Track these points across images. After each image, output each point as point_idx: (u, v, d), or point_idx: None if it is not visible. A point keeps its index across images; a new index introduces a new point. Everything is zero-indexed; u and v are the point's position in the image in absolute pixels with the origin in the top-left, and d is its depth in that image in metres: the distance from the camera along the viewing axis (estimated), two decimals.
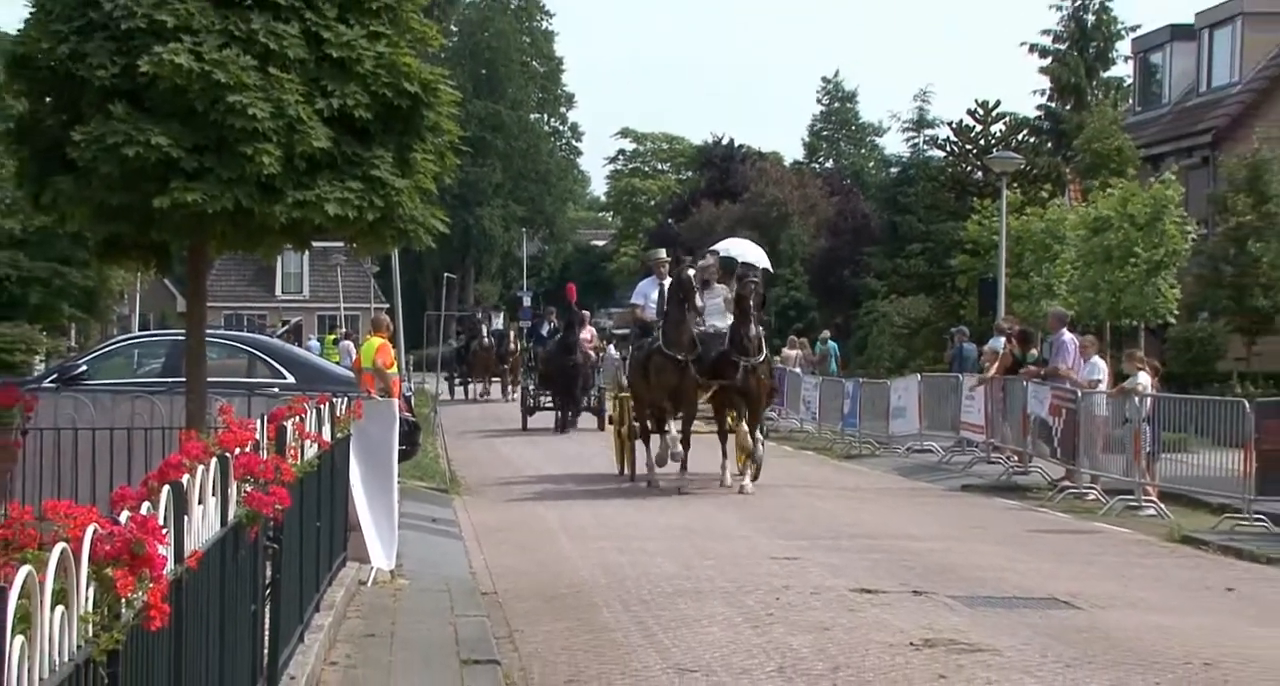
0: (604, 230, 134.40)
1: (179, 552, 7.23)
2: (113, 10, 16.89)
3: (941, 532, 24.14)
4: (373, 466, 18.38)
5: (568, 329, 48.65)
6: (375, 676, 13.18)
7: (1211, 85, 56.55)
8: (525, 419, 49.33)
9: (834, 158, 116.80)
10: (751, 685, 13.29)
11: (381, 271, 71.20)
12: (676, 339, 29.87)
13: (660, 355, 30.14)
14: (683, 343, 29.80)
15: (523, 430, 48.23)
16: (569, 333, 48.12)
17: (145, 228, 17.76)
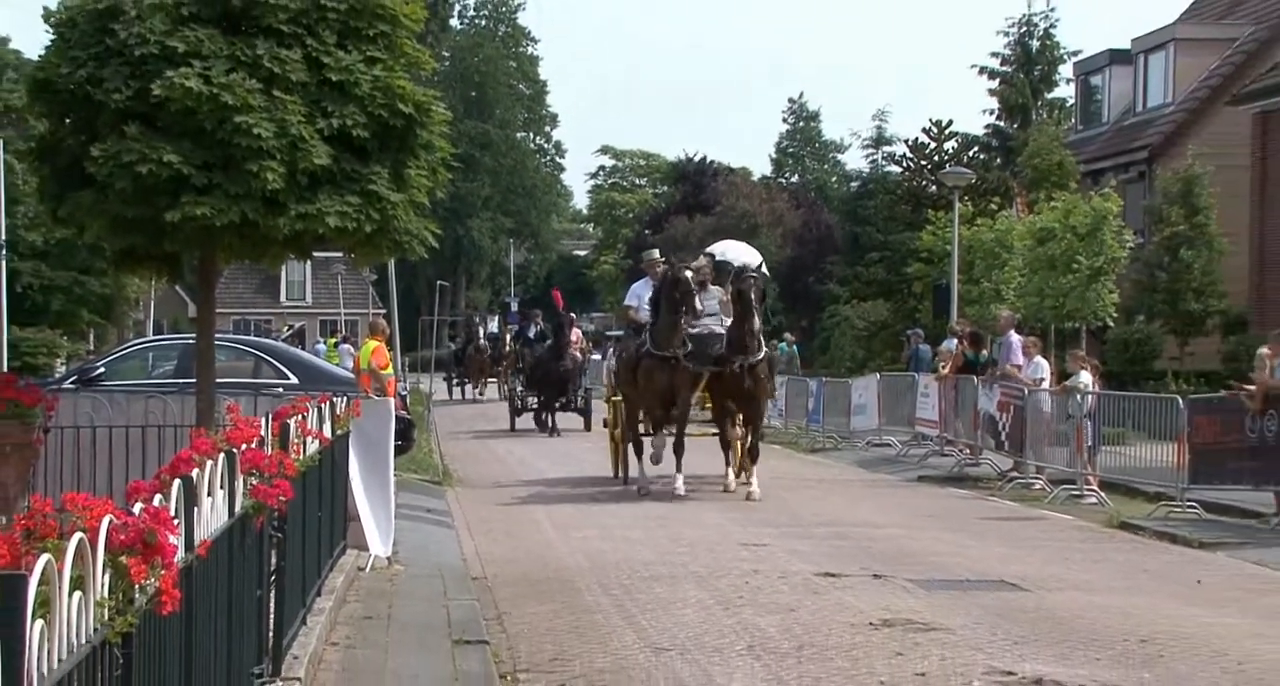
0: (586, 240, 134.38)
1: (189, 542, 7.22)
2: (127, 38, 16.89)
3: (899, 521, 24.16)
4: (370, 461, 18.36)
5: (557, 333, 46.54)
6: (373, 656, 13.17)
7: (1147, 105, 56.74)
8: (513, 419, 46.95)
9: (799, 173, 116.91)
10: (723, 662, 13.28)
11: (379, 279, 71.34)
12: (666, 340, 27.22)
13: (649, 357, 27.60)
14: (672, 343, 27.19)
15: (510, 431, 45.84)
16: (559, 336, 45.99)
17: (158, 239, 17.73)
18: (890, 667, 12.98)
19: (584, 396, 45.79)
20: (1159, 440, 26.93)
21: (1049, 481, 28.16)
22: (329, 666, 12.48)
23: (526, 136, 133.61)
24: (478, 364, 63.95)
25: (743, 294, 27.00)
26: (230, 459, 8.86)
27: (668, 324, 27.19)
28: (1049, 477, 28.36)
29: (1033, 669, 12.78)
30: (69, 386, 26.58)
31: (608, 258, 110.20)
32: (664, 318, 27.38)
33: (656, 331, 27.55)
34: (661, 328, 27.40)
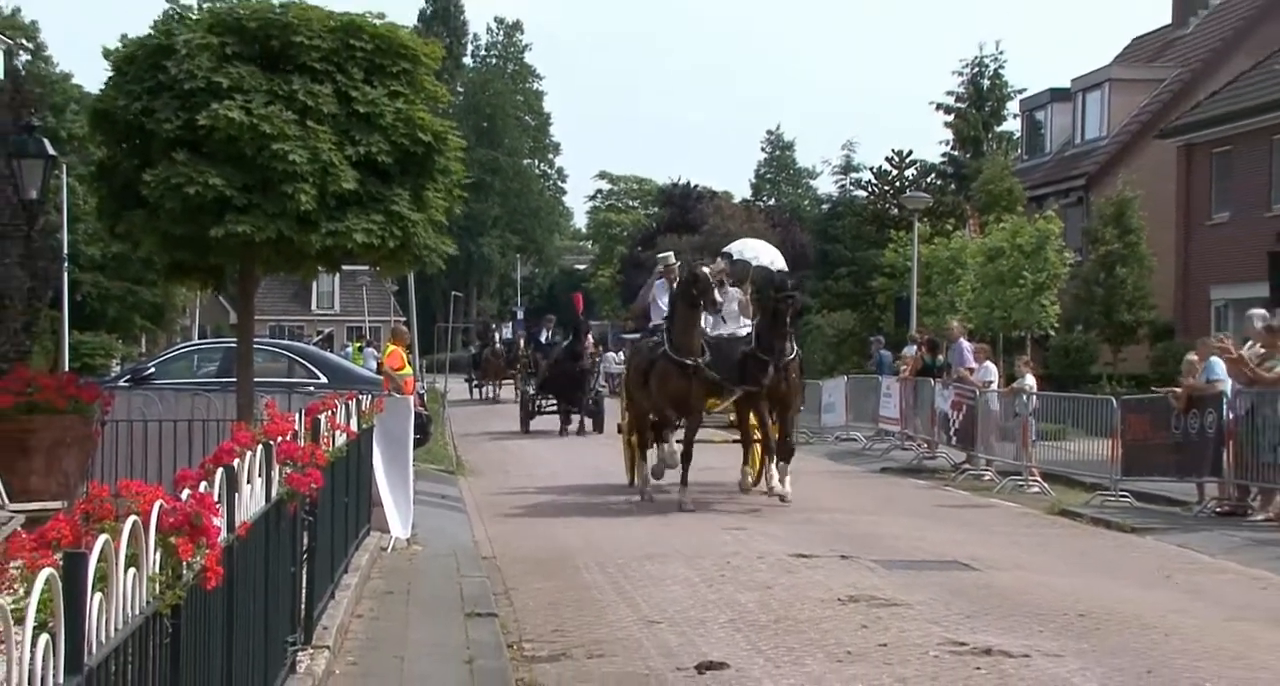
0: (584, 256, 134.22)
1: (231, 524, 7.22)
2: (177, 74, 16.90)
3: (864, 507, 24.14)
4: (392, 452, 18.34)
5: (575, 337, 42.86)
6: (394, 627, 13.16)
7: (1085, 138, 56.81)
8: (526, 422, 42.91)
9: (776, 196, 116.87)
10: (707, 633, 13.27)
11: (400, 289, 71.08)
12: (684, 343, 23.08)
13: (666, 361, 23.26)
14: (691, 347, 23.06)
15: (523, 433, 41.89)
16: (576, 341, 42.40)
17: (203, 253, 17.75)
18: (856, 639, 12.97)
19: (596, 398, 42.14)
20: (1095, 436, 26.98)
21: (997, 472, 28.16)
22: (355, 635, 12.47)
23: (532, 163, 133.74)
24: (494, 367, 62.43)
25: (778, 314, 23.19)
26: (267, 450, 8.86)
27: (685, 322, 23.25)
28: (997, 469, 28.35)
29: (983, 640, 12.77)
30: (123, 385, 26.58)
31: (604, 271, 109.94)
32: (681, 316, 23.35)
33: (674, 332, 23.40)
34: (679, 327, 23.32)
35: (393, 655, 11.97)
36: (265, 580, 8.69)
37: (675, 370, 23.12)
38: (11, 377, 17.61)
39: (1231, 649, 12.77)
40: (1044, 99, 60.68)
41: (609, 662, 12.13)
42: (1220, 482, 22.91)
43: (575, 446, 37.68)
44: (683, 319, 23.26)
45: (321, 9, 17.97)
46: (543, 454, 34.94)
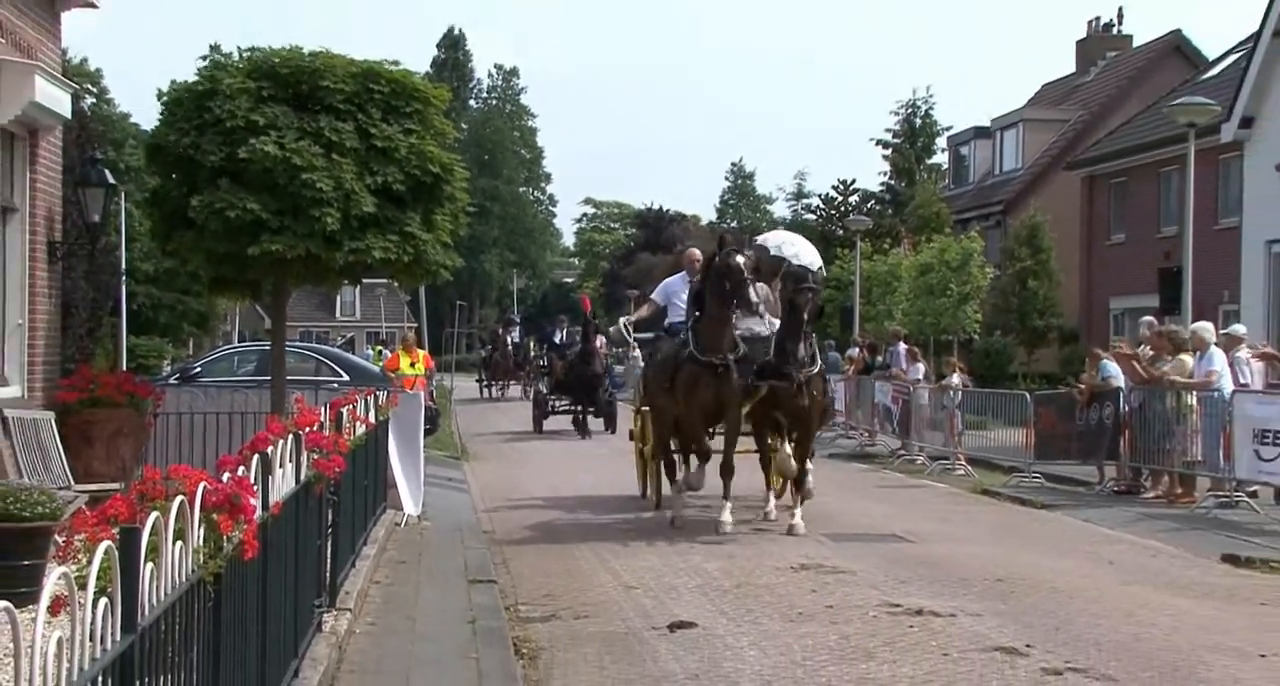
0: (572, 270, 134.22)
1: (265, 502, 7.19)
2: (220, 113, 16.94)
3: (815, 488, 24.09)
4: (405, 440, 18.31)
5: (585, 338, 37.87)
6: (407, 591, 13.14)
7: (1003, 170, 56.98)
8: (539, 422, 37.85)
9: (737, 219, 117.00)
10: (678, 598, 13.26)
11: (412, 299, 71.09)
12: (714, 342, 18.11)
13: (694, 363, 18.18)
14: (721, 346, 18.16)
15: (536, 433, 37.04)
16: (587, 343, 37.41)
17: (243, 269, 17.75)
18: (806, 601, 12.97)
19: (609, 400, 37.48)
20: (1011, 426, 27.06)
21: (928, 457, 28.18)
22: (373, 599, 12.45)
23: (526, 190, 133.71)
24: (503, 367, 59.40)
25: (795, 306, 18.27)
26: (297, 439, 8.84)
27: (715, 321, 18.18)
28: (928, 454, 28.37)
29: (915, 602, 12.78)
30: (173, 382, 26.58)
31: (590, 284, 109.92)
32: (710, 313, 18.25)
33: (701, 331, 18.35)
34: (707, 326, 18.30)
35: (405, 616, 11.95)
36: (295, 551, 8.67)
37: (705, 373, 18.06)
38: (77, 376, 17.61)
39: (1126, 608, 12.79)
40: (968, 136, 60.85)
41: (593, 623, 12.13)
42: (1117, 465, 23.00)
43: (568, 438, 35.55)
44: (712, 316, 18.21)
45: (345, 57, 18.01)
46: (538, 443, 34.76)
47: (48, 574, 4.00)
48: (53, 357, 17.81)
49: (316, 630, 9.79)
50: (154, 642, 4.88)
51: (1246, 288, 35.79)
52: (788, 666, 10.39)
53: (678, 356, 18.61)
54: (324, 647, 9.57)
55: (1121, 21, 60.56)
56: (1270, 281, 35.10)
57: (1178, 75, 49.53)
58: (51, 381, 17.42)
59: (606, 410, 36.99)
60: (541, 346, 47.35)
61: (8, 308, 16.38)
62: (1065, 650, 10.80)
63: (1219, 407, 20.49)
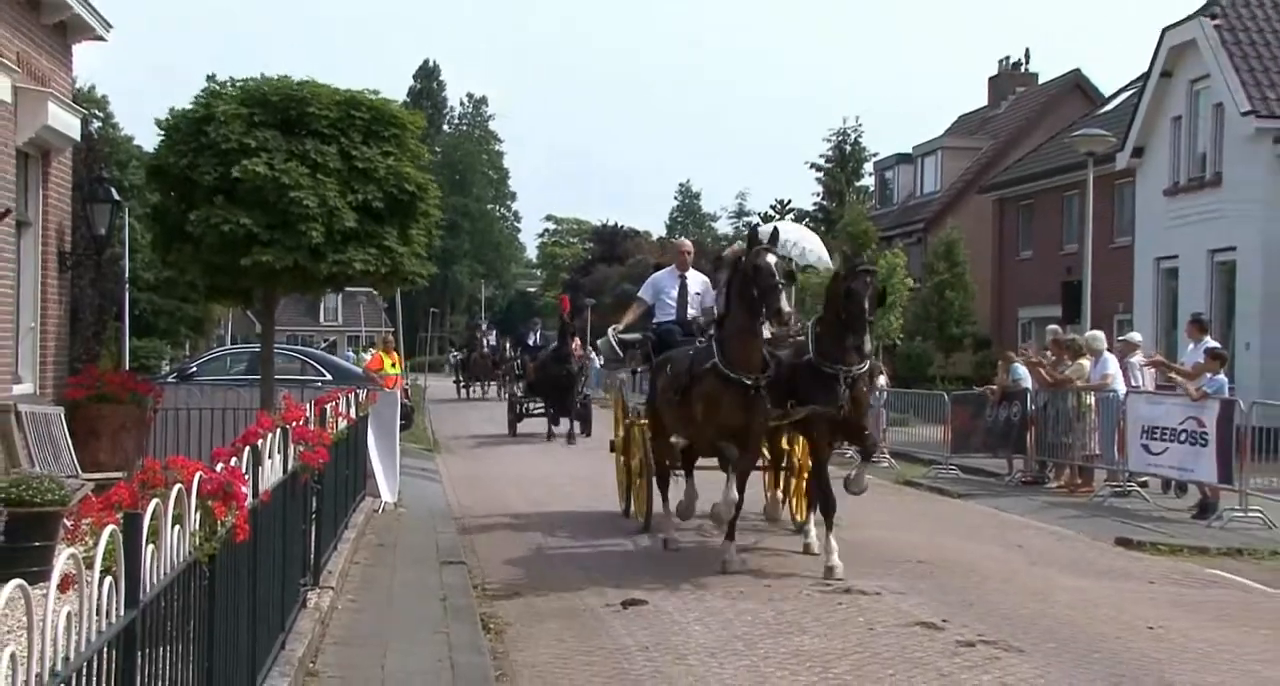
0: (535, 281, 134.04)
1: (255, 490, 7.17)
2: (216, 137, 16.88)
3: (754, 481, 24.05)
4: (383, 434, 18.25)
5: (561, 339, 33.98)
6: (384, 571, 13.10)
7: (923, 192, 57.28)
8: (513, 425, 34.15)
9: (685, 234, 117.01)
10: (630, 575, 13.24)
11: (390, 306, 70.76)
12: (744, 357, 13.91)
13: (717, 378, 13.96)
14: (753, 363, 13.92)
15: (511, 436, 33.47)
16: (563, 343, 33.49)
17: (236, 278, 17.70)
18: (746, 582, 12.99)
19: (584, 402, 33.51)
20: (930, 423, 27.20)
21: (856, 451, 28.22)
22: (353, 578, 12.40)
23: (494, 207, 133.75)
24: (480, 368, 57.47)
25: (853, 294, 13.64)
26: (285, 433, 8.81)
27: (744, 332, 13.89)
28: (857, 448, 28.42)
29: (845, 582, 12.81)
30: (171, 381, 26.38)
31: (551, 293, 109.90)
32: (737, 323, 13.98)
33: (728, 343, 14.00)
34: (735, 338, 13.97)
35: (383, 593, 11.92)
36: (283, 535, 8.64)
37: (730, 393, 13.80)
38: (84, 375, 17.55)
39: (1033, 587, 12.87)
40: (892, 161, 61.12)
41: (553, 600, 12.11)
42: (1024, 458, 23.12)
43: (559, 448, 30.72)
44: (740, 327, 13.94)
45: (329, 87, 17.97)
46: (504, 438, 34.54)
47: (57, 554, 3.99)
48: (62, 358, 17.81)
49: (302, 606, 9.75)
50: (154, 617, 4.87)
51: (1138, 300, 36.12)
52: (729, 639, 10.41)
53: (696, 367, 14.22)
54: (308, 622, 9.54)
55: (1028, 61, 61.15)
56: (1158, 294, 35.44)
57: (1078, 109, 49.90)
58: (61, 379, 17.41)
59: (581, 413, 33.01)
60: (516, 348, 43.04)
61: (21, 312, 16.37)
62: (979, 624, 10.86)
63: (1114, 407, 20.66)
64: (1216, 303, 32.44)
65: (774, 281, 13.39)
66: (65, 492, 10.55)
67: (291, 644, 8.70)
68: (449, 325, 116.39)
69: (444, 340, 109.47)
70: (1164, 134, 35.17)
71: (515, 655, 9.95)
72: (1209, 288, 33.22)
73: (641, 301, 17.19)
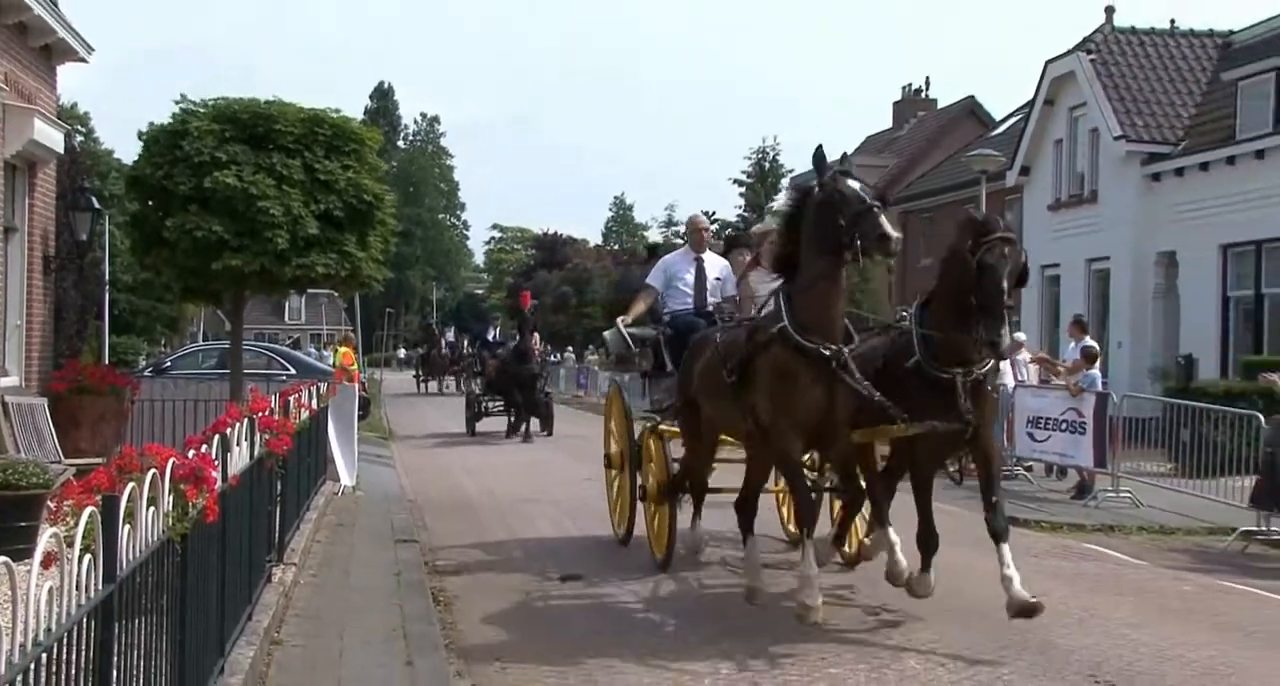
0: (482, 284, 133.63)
1: (224, 475, 7.12)
2: (190, 150, 16.82)
3: None
4: (342, 424, 18.17)
5: (521, 336, 29.81)
6: (342, 549, 13.03)
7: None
8: (471, 424, 30.19)
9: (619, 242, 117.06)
10: (568, 552, 13.27)
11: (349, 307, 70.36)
12: (822, 319, 9.33)
13: (787, 347, 9.23)
14: (833, 323, 9.40)
15: (469, 436, 29.59)
16: (523, 340, 29.40)
17: (208, 280, 17.62)
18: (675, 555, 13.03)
19: (546, 401, 29.90)
20: None
21: None
22: (314, 555, 12.33)
23: (445, 217, 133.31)
24: (439, 364, 55.58)
25: (989, 270, 9.18)
26: (252, 422, 8.75)
27: (824, 281, 9.46)
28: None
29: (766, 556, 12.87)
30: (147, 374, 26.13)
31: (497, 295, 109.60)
32: (813, 269, 9.47)
33: (799, 301, 9.48)
34: (810, 294, 9.47)
35: (342, 569, 11.86)
36: (249, 515, 8.58)
37: (812, 365, 9.27)
38: (66, 369, 17.42)
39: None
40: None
41: (498, 576, 12.09)
42: None
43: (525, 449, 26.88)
44: (819, 274, 9.46)
45: (294, 105, 17.93)
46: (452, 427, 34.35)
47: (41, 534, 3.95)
48: (46, 353, 17.65)
49: (267, 581, 9.69)
50: (130, 591, 4.83)
51: (1025, 304, 36.46)
52: (660, 610, 10.46)
53: (755, 337, 9.66)
54: (273, 595, 9.49)
55: (928, 88, 61.65)
56: (1043, 298, 35.94)
57: (972, 132, 50.28)
58: (45, 373, 17.26)
59: (542, 411, 29.37)
60: (475, 344, 38.57)
61: (9, 311, 16.23)
62: (882, 594, 10.90)
63: (1003, 400, 20.80)
64: (1093, 306, 32.89)
65: (866, 205, 9.11)
66: (49, 477, 10.49)
67: (258, 615, 8.65)
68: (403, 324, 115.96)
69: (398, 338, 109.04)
70: (1047, 155, 35.72)
71: (463, 625, 9.93)
72: (1087, 292, 33.73)
73: (650, 289, 13.07)
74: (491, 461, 24.12)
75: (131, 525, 4.85)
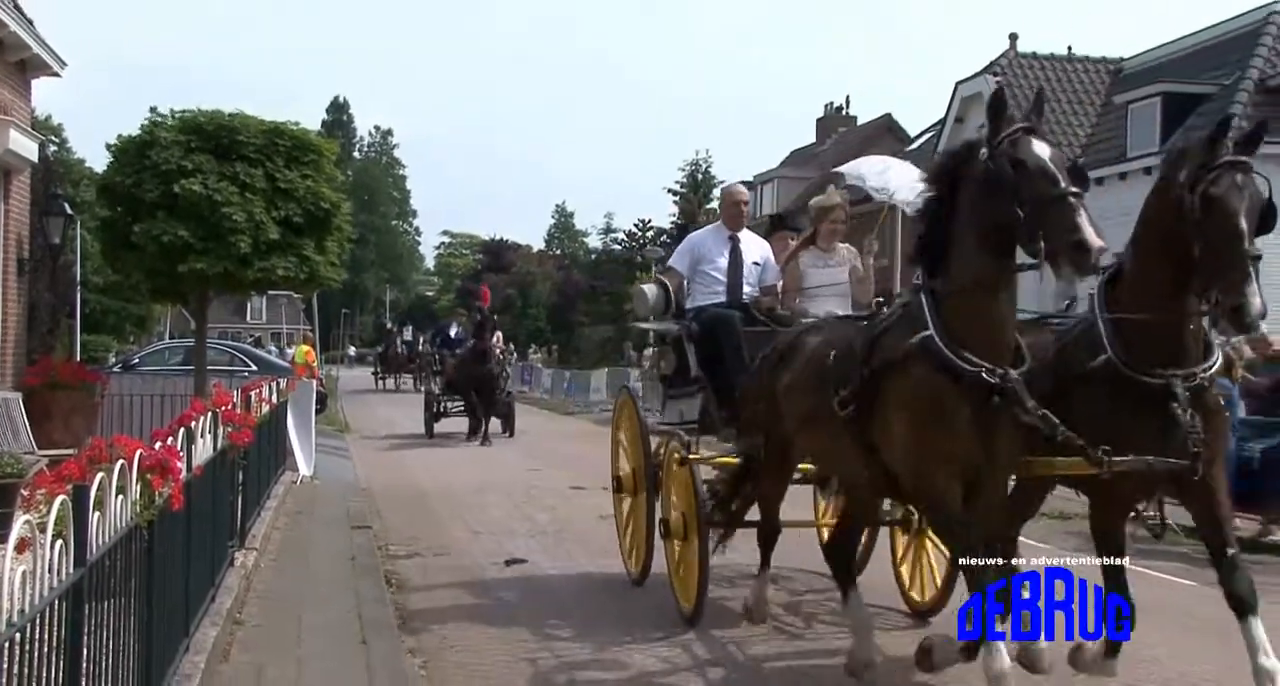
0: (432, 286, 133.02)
1: (189, 465, 7.08)
2: (158, 159, 16.71)
3: None
4: (301, 417, 18.07)
5: (479, 334, 26.26)
6: (301, 535, 12.96)
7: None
8: (430, 425, 27.01)
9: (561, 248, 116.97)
10: (513, 538, 13.28)
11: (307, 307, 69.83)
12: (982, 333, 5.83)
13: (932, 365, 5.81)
14: (1000, 340, 5.87)
15: (428, 438, 26.47)
16: (480, 338, 26.00)
17: (174, 282, 17.46)
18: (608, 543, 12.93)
19: (507, 401, 27.19)
20: None
21: None
22: (274, 541, 12.26)
23: (397, 223, 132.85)
24: (396, 362, 53.50)
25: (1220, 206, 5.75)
26: (215, 416, 8.70)
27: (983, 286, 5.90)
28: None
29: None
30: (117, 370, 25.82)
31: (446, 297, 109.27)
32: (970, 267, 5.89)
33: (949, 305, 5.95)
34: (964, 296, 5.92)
35: (300, 554, 11.80)
36: (213, 503, 8.53)
37: (970, 393, 5.87)
38: (40, 366, 17.30)
39: None
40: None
41: (447, 560, 12.09)
42: None
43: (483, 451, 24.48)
44: (979, 275, 5.95)
45: (257, 118, 17.83)
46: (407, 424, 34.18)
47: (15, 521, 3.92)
48: (20, 350, 17.51)
49: (229, 565, 9.63)
50: (100, 574, 4.80)
51: None
52: (594, 591, 10.49)
53: (886, 349, 6.47)
54: (235, 578, 9.44)
55: (849, 105, 62.16)
56: None
57: (889, 147, 50.52)
58: (19, 369, 17.11)
59: (503, 411, 26.74)
60: (435, 341, 33.87)
61: None
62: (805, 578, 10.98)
63: None
64: None
65: (1060, 191, 5.94)
66: (22, 467, 10.42)
67: (221, 597, 8.60)
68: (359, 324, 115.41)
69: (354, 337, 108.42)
70: None
71: (414, 607, 9.90)
72: None
73: (674, 274, 10.27)
74: (441, 455, 24.05)
75: (101, 513, 4.81)
